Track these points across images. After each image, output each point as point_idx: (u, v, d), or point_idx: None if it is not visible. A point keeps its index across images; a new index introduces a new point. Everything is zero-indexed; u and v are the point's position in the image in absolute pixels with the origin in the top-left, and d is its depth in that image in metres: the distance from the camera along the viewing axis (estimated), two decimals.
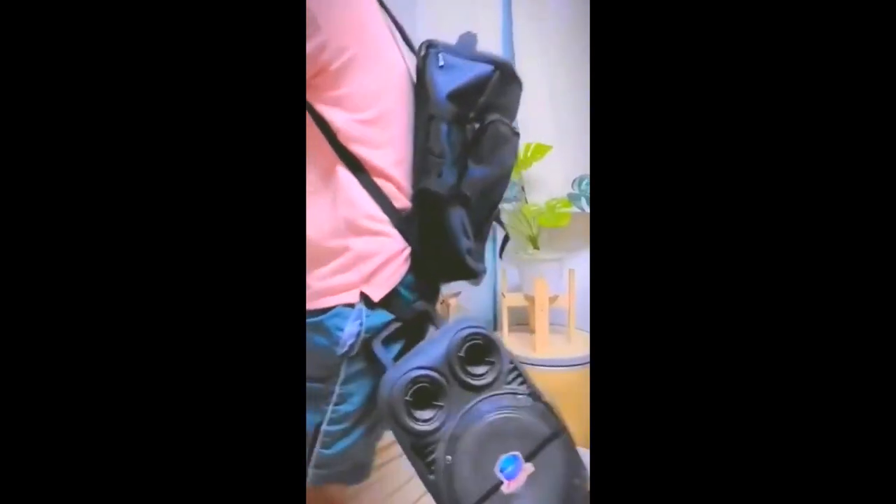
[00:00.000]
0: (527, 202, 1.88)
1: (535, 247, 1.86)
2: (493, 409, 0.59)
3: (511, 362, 0.66)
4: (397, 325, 0.67)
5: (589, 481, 0.59)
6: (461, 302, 1.81)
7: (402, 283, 0.69)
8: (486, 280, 2.13)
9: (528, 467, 0.57)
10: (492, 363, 0.63)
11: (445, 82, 0.68)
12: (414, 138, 0.71)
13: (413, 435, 0.56)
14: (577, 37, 1.89)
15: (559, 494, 0.58)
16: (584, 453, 1.53)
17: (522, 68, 1.97)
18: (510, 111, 0.77)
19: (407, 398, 0.57)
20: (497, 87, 0.71)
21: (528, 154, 1.85)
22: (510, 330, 1.86)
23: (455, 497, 0.55)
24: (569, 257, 1.82)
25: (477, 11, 1.97)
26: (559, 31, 1.95)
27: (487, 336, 0.63)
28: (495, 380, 0.61)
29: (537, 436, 0.60)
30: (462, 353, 0.61)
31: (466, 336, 0.61)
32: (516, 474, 0.56)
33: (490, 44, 1.98)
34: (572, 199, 1.74)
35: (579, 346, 1.74)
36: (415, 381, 0.57)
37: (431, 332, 0.69)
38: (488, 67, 0.70)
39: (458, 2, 1.96)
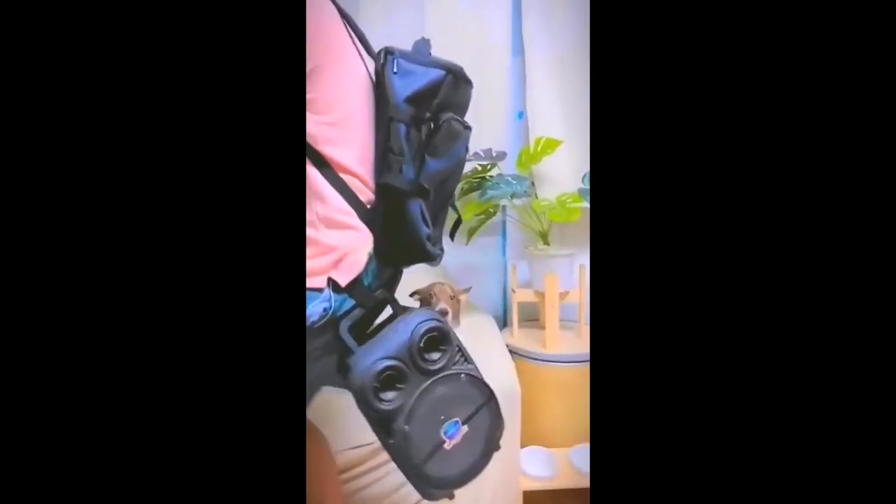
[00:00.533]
0: (537, 197, 1.87)
1: (546, 242, 1.85)
2: (442, 387, 0.72)
3: (458, 346, 0.76)
4: (360, 311, 0.76)
5: (503, 430, 0.77)
6: (471, 298, 1.81)
7: (365, 270, 0.76)
8: (496, 276, 2.13)
9: (465, 429, 0.73)
10: (444, 350, 0.74)
11: (403, 87, 0.76)
12: (375, 138, 0.79)
13: (378, 412, 0.69)
14: (587, 31, 1.87)
15: (483, 444, 0.75)
16: (585, 448, 1.53)
17: (532, 63, 1.97)
18: (462, 108, 0.84)
19: (376, 384, 0.69)
20: (449, 89, 0.79)
21: (539, 148, 1.83)
22: (520, 326, 1.85)
23: (409, 454, 0.69)
24: (579, 253, 1.80)
25: (486, 7, 1.96)
26: (569, 25, 1.93)
27: (442, 328, 0.75)
28: (447, 363, 0.74)
29: (473, 404, 0.75)
30: (422, 345, 0.72)
31: (426, 330, 0.73)
32: (456, 435, 0.72)
33: (499, 40, 1.97)
34: (583, 194, 1.72)
35: (589, 342, 1.72)
36: (383, 370, 0.69)
37: (393, 319, 0.78)
38: (441, 72, 0.78)
39: None
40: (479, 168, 1.87)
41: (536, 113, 1.98)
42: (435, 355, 0.73)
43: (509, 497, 1.36)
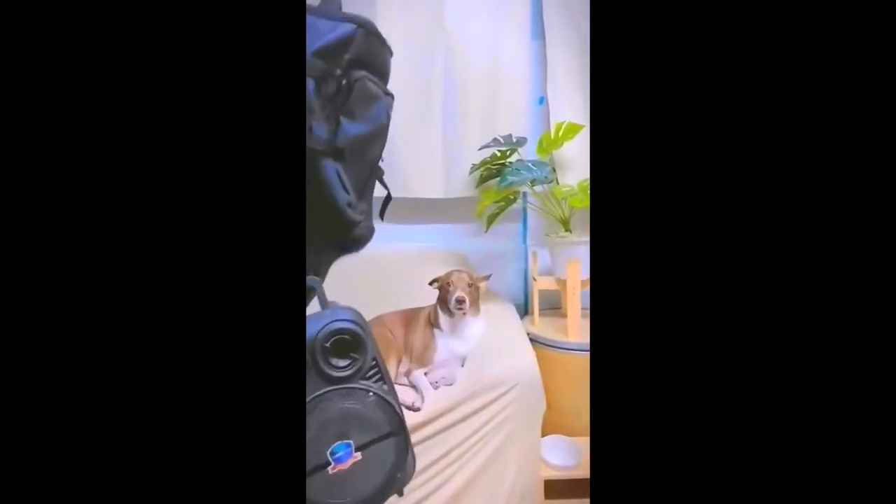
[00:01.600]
0: (558, 183, 1.84)
1: (567, 229, 1.82)
2: (340, 400, 0.63)
3: (374, 360, 0.67)
4: None
5: (409, 476, 0.66)
6: (491, 286, 1.80)
7: None
8: (517, 263, 2.11)
9: (357, 456, 0.62)
10: (354, 359, 0.65)
11: (310, 40, 0.69)
12: None
13: None
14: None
15: (379, 483, 0.64)
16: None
17: (553, 47, 1.93)
18: (379, 71, 0.78)
19: None
20: (361, 44, 0.73)
21: (560, 133, 1.80)
22: (541, 314, 1.83)
23: None
24: None
25: None
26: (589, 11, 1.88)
27: (357, 333, 0.65)
28: (354, 374, 0.64)
29: (374, 431, 0.64)
30: (327, 345, 0.63)
31: (336, 330, 0.63)
32: (345, 460, 0.61)
33: (519, 24, 1.93)
34: None
35: None
36: None
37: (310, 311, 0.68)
38: (351, 26, 0.72)
39: None
40: (499, 154, 1.84)
41: (557, 97, 1.94)
42: (342, 361, 0.64)
43: (530, 485, 1.35)
